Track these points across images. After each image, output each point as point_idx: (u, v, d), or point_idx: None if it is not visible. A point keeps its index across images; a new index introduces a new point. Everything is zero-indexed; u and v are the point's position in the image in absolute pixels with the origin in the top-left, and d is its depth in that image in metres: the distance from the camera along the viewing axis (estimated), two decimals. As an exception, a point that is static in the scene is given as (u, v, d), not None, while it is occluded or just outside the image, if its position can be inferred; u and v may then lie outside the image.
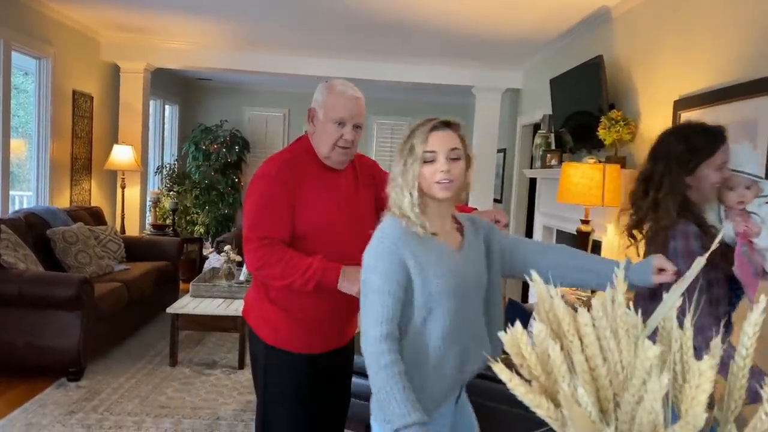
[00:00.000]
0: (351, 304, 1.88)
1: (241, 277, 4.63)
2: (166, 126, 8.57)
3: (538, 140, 5.17)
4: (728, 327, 1.68)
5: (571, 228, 4.09)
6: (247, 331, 4.14)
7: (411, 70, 6.57)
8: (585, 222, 3.62)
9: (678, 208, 1.74)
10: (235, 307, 4.14)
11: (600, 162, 3.61)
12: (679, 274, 1.23)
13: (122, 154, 6.02)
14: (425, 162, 1.47)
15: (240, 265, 4.79)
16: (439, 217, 1.53)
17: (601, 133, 3.72)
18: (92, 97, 5.98)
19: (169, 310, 4.09)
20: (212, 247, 7.42)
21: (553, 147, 4.94)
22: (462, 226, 1.60)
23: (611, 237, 3.73)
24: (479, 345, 1.54)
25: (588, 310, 0.60)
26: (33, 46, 4.91)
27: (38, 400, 3.42)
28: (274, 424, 1.95)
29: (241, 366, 4.10)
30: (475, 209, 2.05)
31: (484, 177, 6.78)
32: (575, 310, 0.60)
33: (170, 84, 8.22)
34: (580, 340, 0.60)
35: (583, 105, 4.24)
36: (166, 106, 8.47)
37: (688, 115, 3.06)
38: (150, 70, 6.51)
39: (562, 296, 1.44)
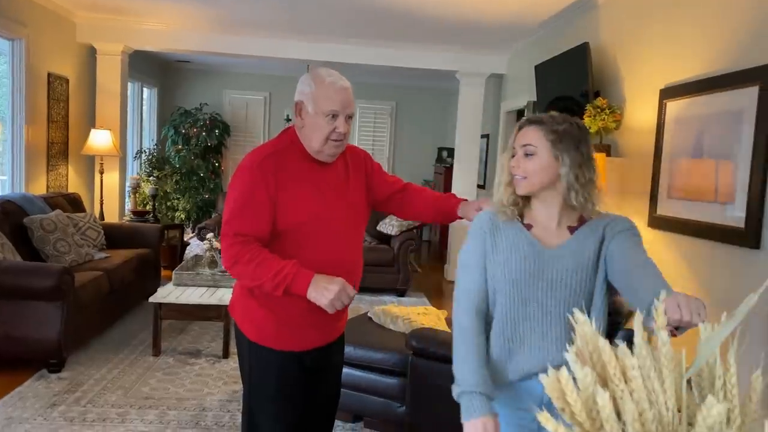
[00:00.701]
0: None
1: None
2: (144, 109, 8.41)
3: (522, 127, 5.15)
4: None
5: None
6: (232, 324, 4.12)
7: (394, 55, 6.50)
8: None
9: None
10: (218, 296, 4.10)
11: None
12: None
13: (100, 139, 5.89)
14: (512, 157, 1.57)
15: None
16: (542, 214, 1.58)
17: (587, 121, 3.72)
18: (68, 80, 5.83)
19: (152, 299, 4.04)
20: (193, 233, 7.34)
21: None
22: (578, 227, 1.56)
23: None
24: (546, 346, 1.53)
25: (628, 346, 0.58)
26: (6, 27, 4.75)
27: (18, 393, 3.36)
28: (260, 419, 1.92)
29: (226, 355, 4.07)
30: (465, 200, 2.03)
31: (468, 163, 6.78)
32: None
33: (148, 66, 8.05)
34: (626, 383, 0.58)
35: (568, 92, 4.23)
36: (144, 89, 8.30)
37: (674, 105, 3.07)
38: (128, 52, 6.36)
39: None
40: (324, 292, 1.68)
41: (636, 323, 0.62)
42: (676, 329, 1.16)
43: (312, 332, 1.90)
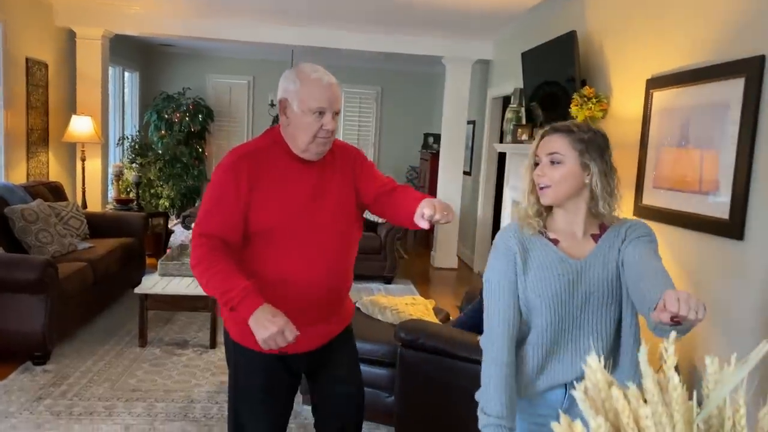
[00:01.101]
0: (321, 308, 1.83)
1: (211, 255, 4.54)
2: (126, 94, 8.27)
3: (509, 114, 5.16)
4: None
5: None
6: (218, 311, 4.09)
7: (379, 39, 6.44)
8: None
9: None
10: (205, 286, 4.07)
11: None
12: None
13: (81, 126, 5.79)
14: (535, 165, 1.55)
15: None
16: (566, 224, 1.56)
17: (573, 110, 3.73)
18: (47, 65, 5.71)
19: (138, 290, 4.00)
20: (177, 220, 7.28)
21: (523, 121, 4.94)
22: (601, 234, 1.55)
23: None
24: (579, 357, 1.50)
25: (640, 390, 0.58)
26: (-19, 12, 4.63)
27: (3, 386, 3.33)
28: (245, 419, 1.90)
29: (213, 345, 4.06)
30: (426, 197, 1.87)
31: (454, 149, 6.77)
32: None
33: (129, 50, 7.90)
34: (639, 431, 0.58)
35: (555, 80, 4.23)
36: (126, 73, 8.16)
37: (660, 95, 3.08)
38: (108, 36, 6.24)
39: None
40: (262, 327, 1.60)
41: (642, 363, 0.62)
42: (678, 324, 1.18)
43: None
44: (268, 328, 1.59)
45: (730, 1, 2.60)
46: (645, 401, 0.59)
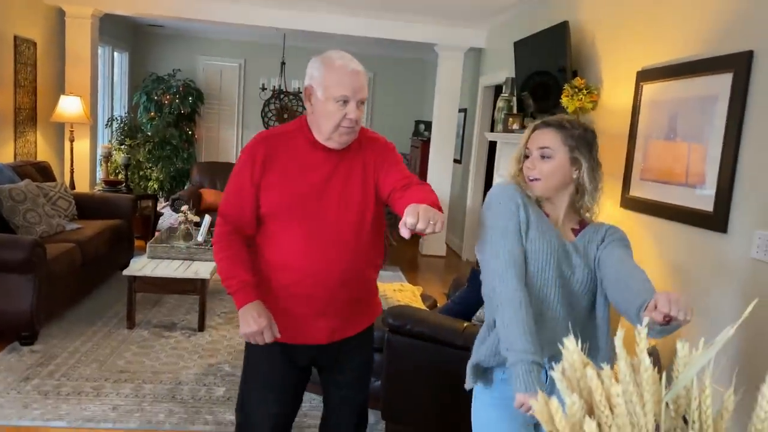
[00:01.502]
0: (328, 301, 1.79)
1: (200, 238, 4.55)
2: (115, 75, 8.19)
3: (500, 103, 5.17)
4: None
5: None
6: (207, 294, 4.10)
7: (372, 25, 6.41)
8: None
9: None
10: (194, 269, 4.08)
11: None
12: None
13: (70, 106, 5.74)
14: (525, 158, 1.59)
15: (198, 225, 4.70)
16: (550, 210, 1.60)
17: (564, 100, 3.75)
18: (35, 44, 5.64)
19: (126, 272, 4.00)
20: (166, 202, 7.25)
21: (515, 111, 4.96)
22: (581, 230, 1.60)
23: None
24: (559, 332, 1.51)
25: (613, 369, 0.61)
26: (-32, -13, 4.56)
27: (-10, 365, 3.34)
28: (247, 402, 1.94)
29: (202, 328, 4.08)
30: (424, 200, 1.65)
31: (445, 137, 6.78)
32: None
33: (119, 30, 7.82)
34: (611, 410, 0.61)
35: (546, 70, 4.25)
36: (115, 54, 8.08)
37: (650, 87, 3.11)
38: (98, 15, 6.16)
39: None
40: (245, 323, 1.70)
41: (618, 347, 0.65)
42: (667, 323, 1.24)
43: (297, 324, 1.81)
44: (250, 325, 1.68)
45: (720, -5, 2.62)
46: (617, 381, 0.63)
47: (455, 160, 7.08)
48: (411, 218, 1.39)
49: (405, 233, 1.40)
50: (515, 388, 1.41)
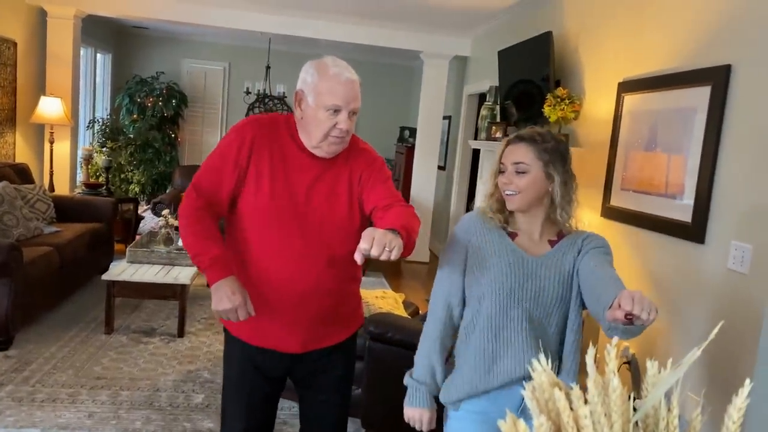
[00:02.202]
0: (302, 310, 1.73)
1: (180, 243, 4.50)
2: (98, 76, 8.10)
3: (484, 111, 5.20)
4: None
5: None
6: (187, 300, 4.05)
7: (358, 31, 6.42)
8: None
9: None
10: (174, 274, 4.04)
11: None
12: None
13: (50, 107, 5.66)
14: (500, 173, 1.62)
15: (179, 230, 4.65)
16: (525, 225, 1.64)
17: (547, 110, 3.78)
18: (16, 44, 5.56)
19: (105, 276, 3.95)
20: (147, 205, 7.18)
21: (498, 119, 4.99)
22: (558, 241, 1.62)
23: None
24: (528, 351, 1.55)
25: (583, 392, 0.61)
26: (-53, -14, 4.49)
27: (-37, 371, 3.27)
28: (226, 402, 1.91)
29: (181, 334, 4.03)
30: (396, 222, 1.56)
31: (430, 143, 6.81)
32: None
33: (102, 31, 7.75)
34: (578, 430, 0.61)
35: (530, 79, 4.28)
36: (98, 55, 7.99)
37: (631, 98, 3.15)
38: (80, 16, 6.09)
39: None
40: (218, 299, 1.60)
41: (589, 366, 0.65)
42: (630, 323, 1.23)
43: (269, 327, 1.76)
44: (224, 301, 1.59)
45: (699, 11, 2.66)
46: (586, 402, 0.63)
47: (439, 167, 7.10)
48: (365, 243, 1.35)
49: (358, 258, 1.37)
50: (405, 403, 1.68)
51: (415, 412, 1.66)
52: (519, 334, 1.55)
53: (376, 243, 1.34)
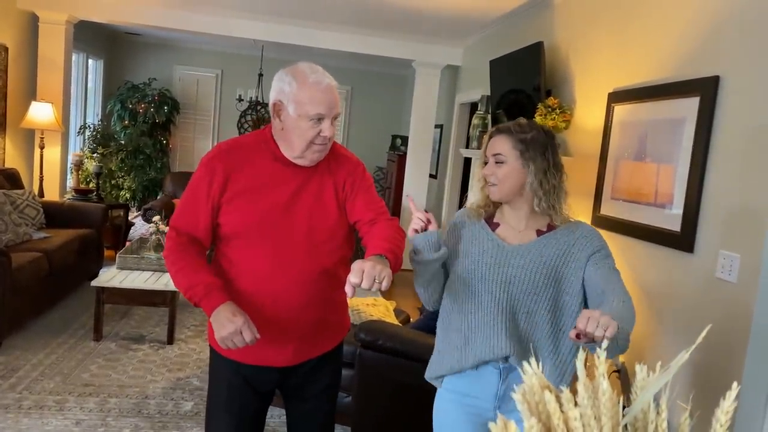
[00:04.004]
0: (289, 325, 1.72)
1: (171, 249, 4.48)
2: (89, 82, 8.08)
3: (475, 120, 5.22)
4: None
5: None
6: (176, 307, 4.03)
7: (350, 39, 6.45)
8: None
9: None
10: (164, 281, 4.02)
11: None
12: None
13: (41, 112, 5.64)
14: (484, 164, 1.68)
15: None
16: (510, 217, 1.69)
17: (538, 119, 3.80)
18: (7, 48, 5.54)
19: (94, 283, 3.92)
20: (138, 211, 7.15)
21: (489, 128, 5.02)
22: (547, 232, 1.65)
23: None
24: (496, 336, 1.60)
25: (573, 394, 0.62)
26: (-61, -10, 4.47)
27: (-51, 377, 3.23)
28: (211, 419, 1.88)
29: (170, 341, 4.01)
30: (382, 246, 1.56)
31: (421, 152, 6.83)
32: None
33: (95, 37, 7.73)
34: None
35: (521, 88, 4.31)
36: (90, 61, 7.97)
37: (620, 108, 3.18)
38: (72, 22, 6.08)
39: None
40: (220, 325, 1.53)
41: (579, 369, 0.66)
42: (591, 341, 1.27)
43: (259, 349, 1.70)
44: (226, 326, 1.52)
45: (688, 22, 2.70)
46: (576, 404, 0.64)
47: (431, 175, 7.12)
48: (355, 278, 1.36)
49: (349, 291, 1.37)
50: (414, 242, 1.56)
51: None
52: (488, 317, 1.61)
53: (366, 276, 1.36)
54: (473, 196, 1.75)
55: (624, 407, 0.70)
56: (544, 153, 1.60)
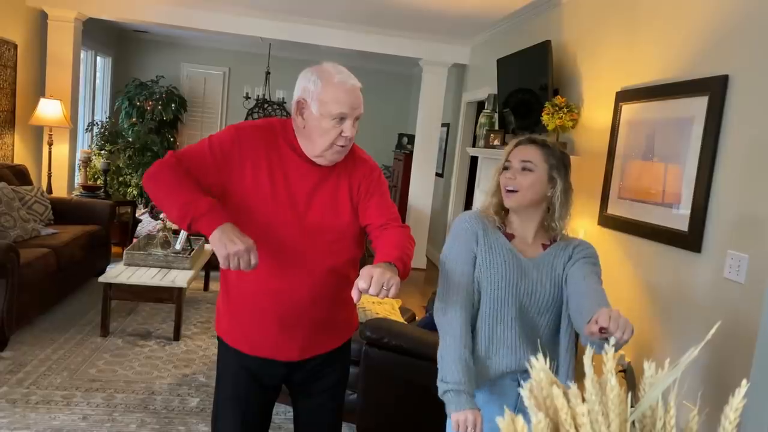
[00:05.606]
0: (295, 319, 1.71)
1: (177, 246, 4.50)
2: (97, 79, 8.12)
3: (482, 119, 5.22)
4: None
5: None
6: (183, 304, 4.04)
7: (357, 38, 6.45)
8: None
9: None
10: (171, 278, 4.03)
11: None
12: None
13: (50, 109, 5.66)
14: (504, 170, 1.66)
15: (176, 233, 4.65)
16: (520, 228, 1.68)
17: (545, 118, 3.80)
18: (16, 46, 5.57)
19: (102, 279, 3.94)
20: (145, 208, 7.18)
21: (496, 127, 5.01)
22: (550, 245, 1.67)
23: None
24: (520, 348, 1.61)
25: (581, 392, 0.62)
26: (-51, -13, 4.50)
27: (-43, 372, 3.25)
28: (218, 412, 1.88)
29: (177, 337, 4.02)
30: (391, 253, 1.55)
31: (428, 150, 6.82)
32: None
33: (103, 34, 7.76)
34: (576, 429, 0.62)
35: (528, 88, 4.30)
36: (98, 58, 8.01)
37: (628, 108, 3.16)
38: (81, 19, 6.11)
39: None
40: (229, 241, 1.44)
41: (587, 365, 0.66)
42: (605, 339, 1.26)
43: (260, 334, 1.74)
44: (236, 243, 1.44)
45: (697, 21, 2.68)
46: (584, 400, 0.64)
47: (437, 174, 7.11)
48: (363, 283, 1.37)
49: (355, 296, 1.38)
50: (449, 410, 1.51)
51: (461, 415, 1.49)
52: (511, 330, 1.62)
53: (374, 283, 1.36)
54: (485, 201, 1.72)
55: (630, 407, 0.69)
56: (566, 174, 1.66)
